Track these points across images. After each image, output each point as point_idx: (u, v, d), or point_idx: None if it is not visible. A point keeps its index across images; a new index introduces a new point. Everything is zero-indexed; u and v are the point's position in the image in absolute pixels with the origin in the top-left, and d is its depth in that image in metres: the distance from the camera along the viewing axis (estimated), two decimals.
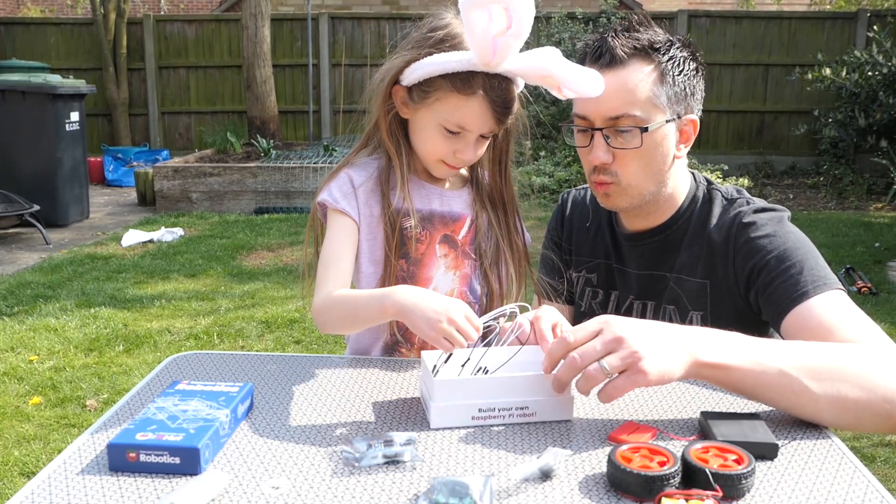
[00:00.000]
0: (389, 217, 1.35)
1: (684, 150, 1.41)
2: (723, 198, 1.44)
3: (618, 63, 1.32)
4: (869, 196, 8.35)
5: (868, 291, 4.80)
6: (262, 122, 8.86)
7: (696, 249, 1.42)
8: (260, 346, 3.96)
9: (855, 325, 1.19)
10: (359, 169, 1.40)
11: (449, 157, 1.33)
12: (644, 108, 1.32)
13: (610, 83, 1.30)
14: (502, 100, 1.28)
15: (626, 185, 1.37)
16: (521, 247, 1.45)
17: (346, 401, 1.17)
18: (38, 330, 4.14)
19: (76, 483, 0.92)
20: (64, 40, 10.29)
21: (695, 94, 1.39)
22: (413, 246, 1.36)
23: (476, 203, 1.43)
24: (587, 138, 1.37)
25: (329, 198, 1.36)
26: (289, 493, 0.90)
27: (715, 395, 1.19)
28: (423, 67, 1.28)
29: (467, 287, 1.41)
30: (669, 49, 1.35)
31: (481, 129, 1.30)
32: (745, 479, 0.89)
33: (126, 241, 6.18)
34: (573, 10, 9.56)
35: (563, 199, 1.68)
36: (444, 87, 1.27)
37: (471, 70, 1.25)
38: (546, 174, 8.02)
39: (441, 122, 1.30)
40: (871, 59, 8.25)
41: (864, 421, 1.08)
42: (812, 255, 1.31)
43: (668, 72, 1.34)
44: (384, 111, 1.35)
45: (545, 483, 0.92)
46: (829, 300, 1.24)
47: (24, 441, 2.96)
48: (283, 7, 11.80)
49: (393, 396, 1.19)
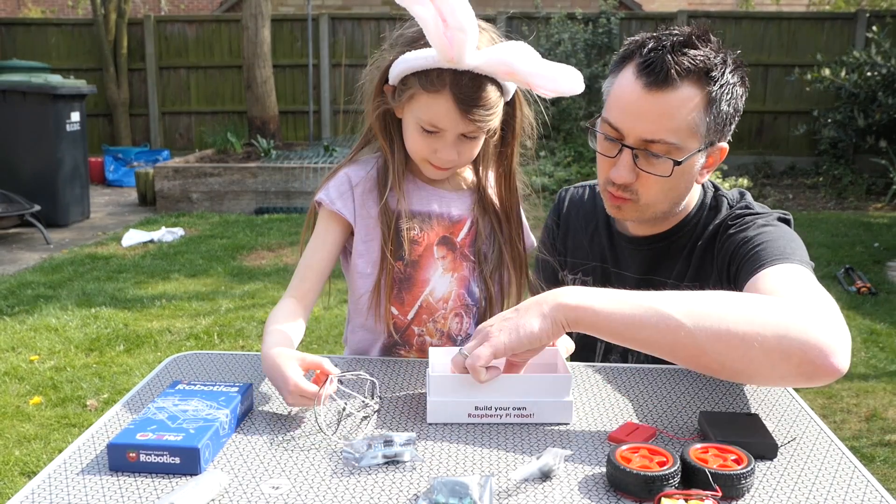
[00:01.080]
0: (386, 217, 1.34)
1: (706, 175, 1.36)
2: (728, 204, 1.40)
3: (669, 84, 1.23)
4: (868, 196, 8.34)
5: (867, 291, 4.80)
6: (263, 122, 8.86)
7: (698, 257, 1.39)
8: (260, 346, 3.96)
9: (796, 290, 1.09)
10: (358, 167, 1.39)
11: (431, 157, 1.30)
12: (681, 136, 1.25)
13: (655, 105, 1.24)
14: (469, 97, 1.23)
15: (644, 204, 1.33)
16: (521, 254, 1.44)
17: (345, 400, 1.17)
18: (38, 330, 4.14)
19: (76, 483, 0.92)
20: (64, 41, 10.29)
21: (734, 121, 1.32)
22: (409, 247, 1.35)
23: (478, 207, 1.41)
24: (614, 149, 1.30)
25: (325, 197, 1.36)
26: (289, 493, 0.90)
27: (715, 395, 1.20)
28: (398, 66, 1.27)
29: (465, 290, 1.40)
30: (723, 74, 1.26)
31: (455, 128, 1.26)
32: (744, 479, 0.89)
33: (126, 241, 6.18)
34: (573, 10, 9.56)
35: (561, 196, 1.64)
36: (415, 85, 1.26)
37: (438, 67, 1.23)
38: (546, 174, 8.01)
39: (417, 121, 1.28)
40: (870, 59, 8.24)
41: (754, 360, 0.98)
42: (787, 238, 1.25)
43: (715, 100, 1.26)
44: (373, 108, 1.34)
45: (545, 483, 0.92)
46: (784, 271, 1.15)
47: (25, 441, 2.96)
48: (284, 7, 11.79)
49: (393, 396, 1.19)
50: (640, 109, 1.26)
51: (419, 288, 1.37)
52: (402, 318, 1.38)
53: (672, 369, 1.30)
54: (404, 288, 1.37)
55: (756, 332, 0.97)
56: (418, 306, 1.37)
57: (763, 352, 0.97)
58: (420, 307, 1.37)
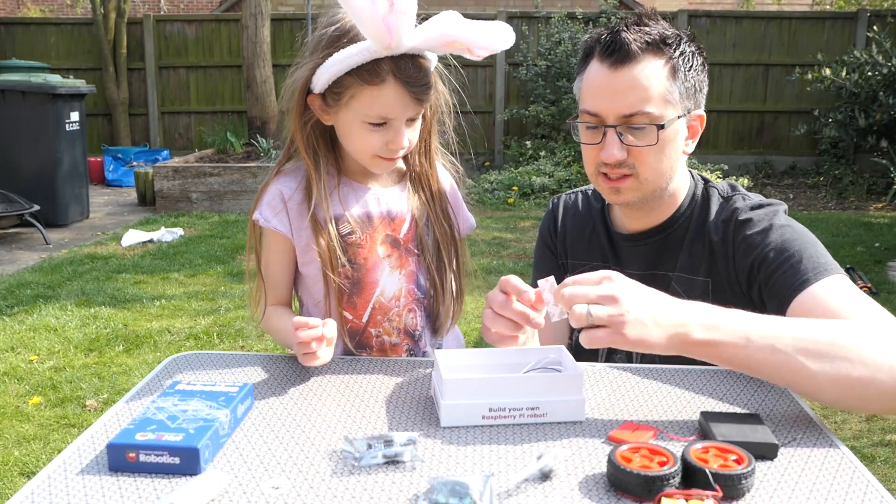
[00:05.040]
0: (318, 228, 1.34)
1: (691, 146, 1.41)
2: (719, 195, 1.44)
3: (632, 58, 1.30)
4: (869, 196, 8.34)
5: (868, 291, 4.80)
6: (262, 122, 8.86)
7: (698, 248, 1.41)
8: (260, 346, 3.96)
9: (858, 306, 1.18)
10: (288, 179, 1.39)
11: (382, 150, 1.30)
12: (658, 105, 1.30)
13: (624, 80, 1.29)
14: (415, 79, 1.24)
15: (644, 179, 1.35)
16: (448, 231, 1.43)
17: (345, 400, 1.17)
18: (38, 330, 4.14)
19: (76, 483, 0.92)
20: (64, 40, 10.29)
21: (703, 89, 1.39)
22: (353, 251, 1.36)
23: (414, 197, 1.41)
24: (598, 135, 1.35)
25: (261, 217, 1.37)
26: (289, 493, 0.90)
27: (715, 395, 1.19)
28: (327, 70, 1.25)
29: (414, 284, 1.41)
30: (680, 44, 1.34)
31: (405, 114, 1.28)
32: (745, 479, 0.89)
33: (126, 241, 6.18)
34: (573, 10, 9.56)
35: (554, 203, 1.66)
36: (353, 83, 1.25)
37: (374, 58, 1.23)
38: (546, 174, 8.02)
39: (363, 119, 1.28)
40: (871, 59, 8.24)
41: (870, 400, 1.05)
42: (811, 243, 1.31)
43: (679, 67, 1.32)
44: (300, 125, 1.33)
45: (545, 483, 0.92)
46: (831, 285, 1.22)
47: (24, 441, 2.95)
48: (283, 7, 11.79)
49: (393, 396, 1.19)
50: (612, 88, 1.31)
51: (369, 290, 1.37)
52: (356, 321, 1.38)
53: (672, 369, 1.29)
54: (355, 292, 1.37)
55: (871, 377, 1.04)
56: (371, 308, 1.38)
57: (877, 393, 1.04)
58: (373, 309, 1.38)
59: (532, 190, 7.86)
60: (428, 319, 1.44)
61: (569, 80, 8.71)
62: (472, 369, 1.18)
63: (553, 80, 9.14)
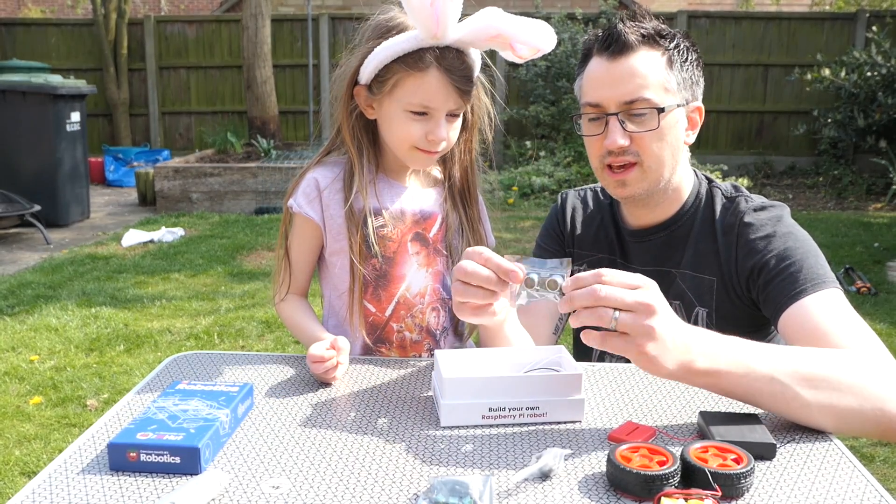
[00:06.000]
0: (352, 220, 1.36)
1: (692, 136, 1.43)
2: (722, 195, 1.45)
3: (629, 49, 1.34)
4: (868, 196, 8.34)
5: (867, 291, 4.80)
6: (263, 122, 8.86)
7: (703, 246, 1.43)
8: (260, 346, 3.97)
9: (849, 329, 1.21)
10: (325, 170, 1.41)
11: (421, 141, 1.31)
12: (657, 92, 1.34)
13: (622, 69, 1.34)
14: (458, 70, 1.27)
15: (648, 167, 1.37)
16: (483, 239, 1.47)
17: (345, 400, 1.17)
18: (38, 330, 4.14)
19: (77, 482, 0.92)
20: (64, 41, 10.29)
21: (698, 82, 1.43)
22: (383, 244, 1.37)
23: (447, 202, 1.44)
24: (600, 126, 1.37)
25: (294, 203, 1.39)
26: (289, 493, 0.91)
27: (714, 395, 1.20)
28: (375, 58, 1.29)
29: (440, 284, 1.42)
30: (675, 38, 1.38)
31: (446, 105, 1.29)
32: (744, 479, 0.89)
33: (126, 241, 6.18)
34: (573, 10, 9.56)
35: (563, 197, 1.67)
36: (398, 70, 1.28)
37: (420, 47, 1.26)
38: (546, 174, 8.02)
39: (405, 107, 1.30)
40: (870, 59, 8.24)
41: (856, 428, 1.09)
42: (812, 252, 1.33)
43: (675, 59, 1.37)
44: (347, 114, 1.37)
45: (545, 483, 0.92)
46: (825, 300, 1.25)
47: (25, 441, 2.96)
48: (284, 7, 11.79)
49: (393, 396, 1.19)
50: (611, 77, 1.35)
51: (395, 284, 1.38)
52: (379, 314, 1.39)
53: None
54: (380, 285, 1.38)
55: (860, 407, 1.07)
56: (395, 302, 1.39)
57: (862, 422, 1.08)
58: (397, 303, 1.39)
59: (532, 190, 7.86)
60: (451, 321, 1.45)
61: (569, 80, 8.71)
62: (472, 369, 1.18)
63: (553, 81, 9.14)
